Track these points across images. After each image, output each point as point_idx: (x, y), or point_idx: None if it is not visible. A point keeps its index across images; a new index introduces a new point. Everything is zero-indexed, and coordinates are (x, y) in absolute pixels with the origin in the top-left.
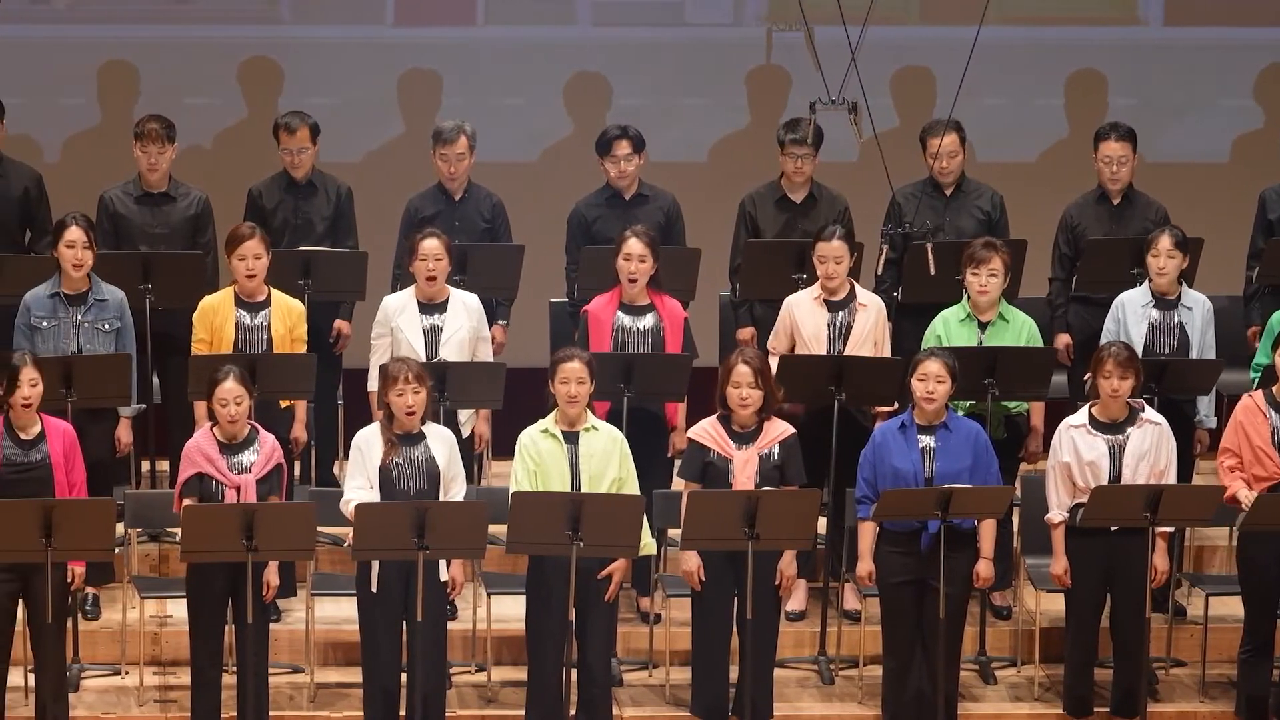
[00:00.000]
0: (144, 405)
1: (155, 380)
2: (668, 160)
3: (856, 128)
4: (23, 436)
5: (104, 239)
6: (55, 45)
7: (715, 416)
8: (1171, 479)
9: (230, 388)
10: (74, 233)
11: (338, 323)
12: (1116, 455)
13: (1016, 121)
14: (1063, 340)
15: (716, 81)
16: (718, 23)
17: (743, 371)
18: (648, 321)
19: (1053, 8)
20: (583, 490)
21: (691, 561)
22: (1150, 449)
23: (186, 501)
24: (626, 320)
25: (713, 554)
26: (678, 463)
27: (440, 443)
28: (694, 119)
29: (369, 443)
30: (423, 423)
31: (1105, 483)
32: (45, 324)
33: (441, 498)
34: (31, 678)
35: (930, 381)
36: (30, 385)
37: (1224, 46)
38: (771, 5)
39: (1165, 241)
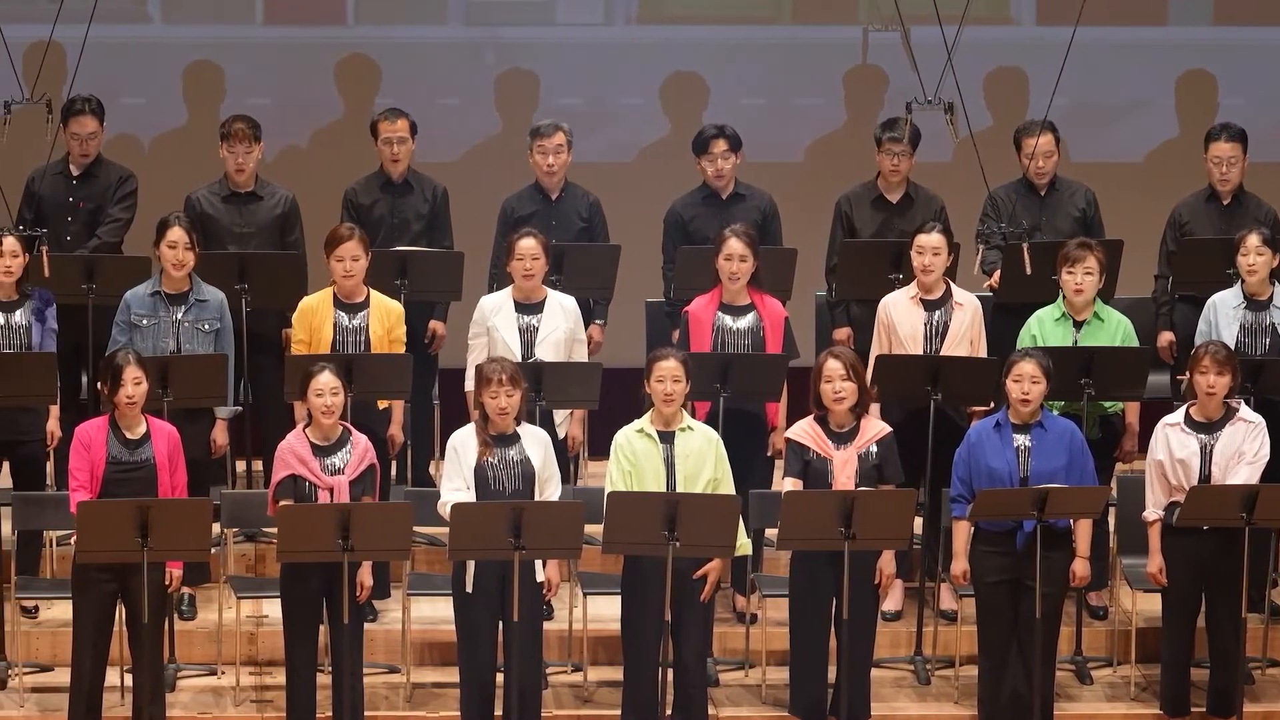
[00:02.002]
0: (240, 407)
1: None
2: (764, 160)
3: (952, 127)
4: (129, 436)
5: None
6: (146, 45)
7: (812, 417)
8: (1246, 473)
9: (326, 379)
10: (176, 233)
11: (433, 323)
12: (1207, 454)
13: (1122, 121)
14: (1166, 338)
15: (813, 82)
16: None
17: (834, 366)
18: (748, 321)
19: (1159, 9)
20: (678, 490)
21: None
22: (1238, 447)
23: (282, 503)
24: (727, 320)
25: (811, 554)
26: (778, 463)
27: (535, 443)
28: (790, 119)
29: (464, 443)
30: (517, 423)
31: (1195, 481)
32: (145, 322)
33: (536, 498)
34: (128, 678)
35: (1025, 382)
36: (134, 384)
37: None
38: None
39: (1253, 239)
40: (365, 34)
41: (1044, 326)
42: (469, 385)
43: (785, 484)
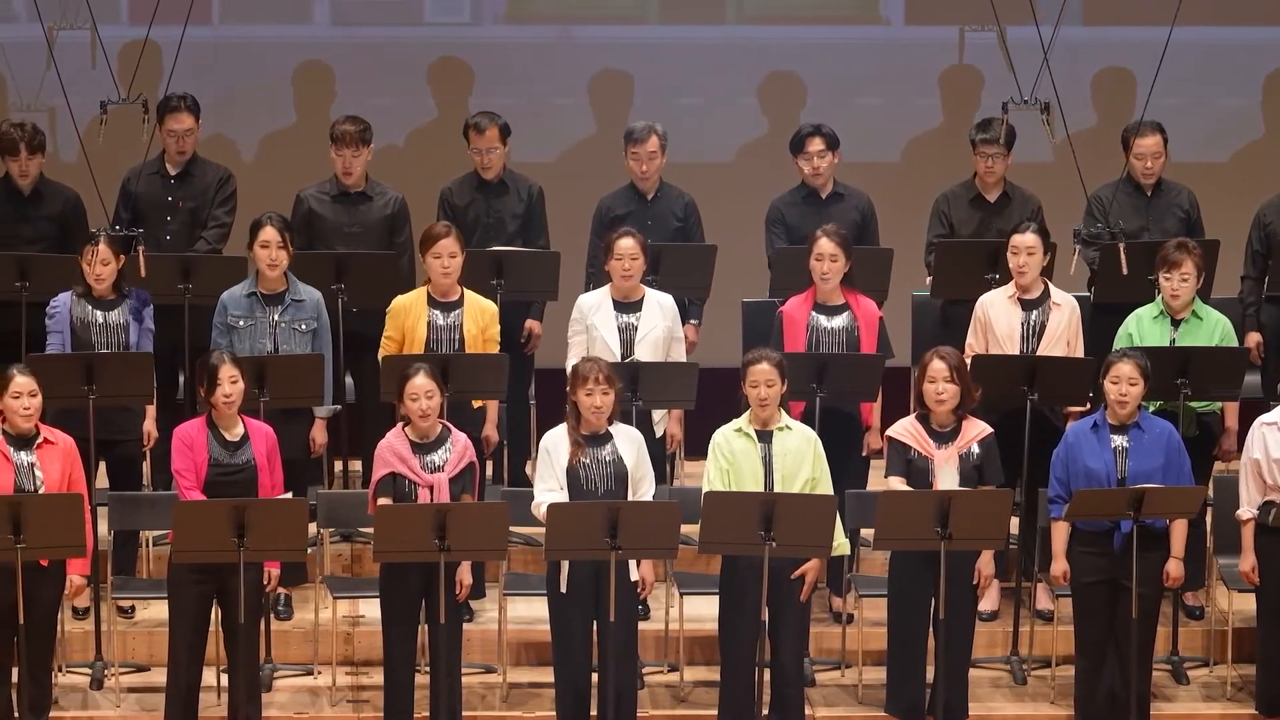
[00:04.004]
0: (339, 406)
1: (349, 380)
2: (861, 160)
3: (1049, 128)
4: (228, 438)
5: (300, 238)
6: (250, 45)
7: (914, 415)
8: None
9: (421, 383)
10: (268, 233)
11: (529, 323)
12: None
13: (1209, 121)
14: (1253, 339)
15: (909, 81)
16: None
17: (938, 367)
18: (842, 321)
19: (1246, 8)
20: (776, 490)
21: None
22: None
23: (381, 501)
24: (821, 320)
25: (910, 554)
26: (873, 463)
27: (628, 443)
28: (887, 118)
29: (556, 444)
30: (610, 423)
31: None
32: (242, 323)
33: (630, 498)
34: (225, 678)
35: (1123, 383)
36: (230, 382)
37: None
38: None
39: None
40: (461, 34)
41: (1142, 325)
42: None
43: (891, 482)
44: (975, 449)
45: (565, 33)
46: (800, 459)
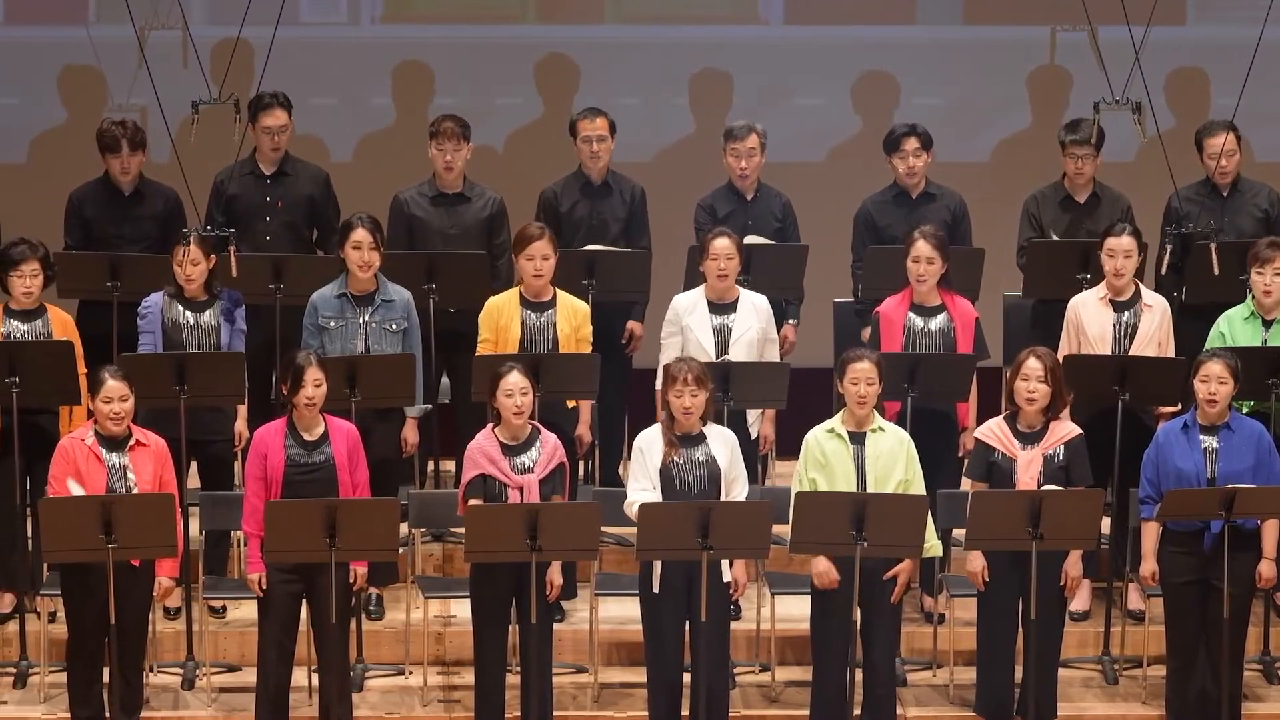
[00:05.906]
0: (430, 406)
1: (445, 380)
2: (951, 160)
3: (1140, 128)
4: (306, 437)
5: (398, 239)
6: (353, 46)
7: (1002, 416)
8: None
9: (515, 380)
10: (360, 234)
11: (631, 323)
12: None
13: None
14: None
15: (1000, 81)
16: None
17: (1033, 366)
18: (938, 322)
19: None
20: (869, 491)
21: (976, 562)
22: None
23: (471, 502)
24: (918, 321)
25: (998, 554)
26: (966, 463)
27: (721, 443)
28: (978, 118)
29: (650, 444)
30: (704, 423)
31: None
32: (333, 324)
33: (723, 498)
34: (315, 678)
35: (1212, 383)
36: (315, 385)
37: None
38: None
39: None
40: (556, 33)
41: (1233, 325)
42: (661, 384)
43: (964, 484)
44: (1060, 451)
45: (663, 31)
46: (893, 461)
